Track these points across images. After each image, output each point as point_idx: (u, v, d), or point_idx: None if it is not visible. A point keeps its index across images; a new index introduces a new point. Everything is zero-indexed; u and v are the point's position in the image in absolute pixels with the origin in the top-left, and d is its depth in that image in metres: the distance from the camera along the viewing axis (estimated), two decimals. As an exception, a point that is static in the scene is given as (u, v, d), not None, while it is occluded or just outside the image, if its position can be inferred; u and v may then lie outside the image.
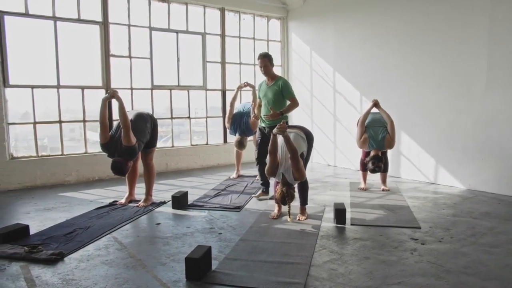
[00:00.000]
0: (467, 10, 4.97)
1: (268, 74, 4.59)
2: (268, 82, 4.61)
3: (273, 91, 4.54)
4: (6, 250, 3.06)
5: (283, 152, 3.67)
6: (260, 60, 4.55)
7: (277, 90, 4.52)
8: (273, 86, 4.55)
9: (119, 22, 5.94)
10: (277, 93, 4.52)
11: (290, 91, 4.56)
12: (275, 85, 4.54)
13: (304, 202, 3.99)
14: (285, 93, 4.53)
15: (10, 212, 4.26)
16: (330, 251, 3.12)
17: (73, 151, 5.78)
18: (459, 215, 4.05)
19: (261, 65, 4.55)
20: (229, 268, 2.76)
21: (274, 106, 4.48)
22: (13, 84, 5.23)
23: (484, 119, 4.90)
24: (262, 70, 4.56)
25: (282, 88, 4.52)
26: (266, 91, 4.60)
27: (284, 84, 4.55)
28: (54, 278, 2.65)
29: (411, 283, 2.56)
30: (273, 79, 4.60)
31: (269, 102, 4.55)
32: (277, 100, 4.53)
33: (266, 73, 4.57)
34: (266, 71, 4.56)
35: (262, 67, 4.55)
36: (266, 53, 4.62)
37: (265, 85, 4.64)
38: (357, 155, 6.54)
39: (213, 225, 3.76)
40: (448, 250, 3.10)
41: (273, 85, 4.56)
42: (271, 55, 4.61)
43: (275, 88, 4.54)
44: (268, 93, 4.57)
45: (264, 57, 4.53)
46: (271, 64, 4.59)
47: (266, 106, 4.59)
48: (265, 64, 4.53)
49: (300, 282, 2.55)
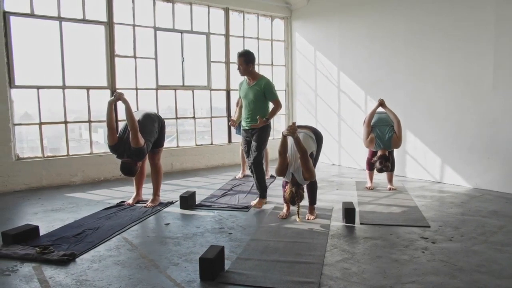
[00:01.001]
0: (473, 8, 4.98)
1: (247, 74, 4.27)
2: (249, 81, 4.29)
3: (254, 92, 4.24)
4: (17, 251, 3.06)
5: (292, 152, 3.67)
6: (237, 59, 4.23)
7: (259, 91, 4.22)
8: (255, 87, 4.24)
9: (124, 22, 5.93)
10: (259, 94, 4.23)
11: (274, 93, 4.28)
12: (257, 86, 4.24)
13: (313, 201, 3.99)
14: (268, 95, 4.25)
15: (19, 213, 4.26)
16: (342, 250, 3.12)
17: (74, 152, 5.73)
18: (467, 213, 4.05)
19: (237, 64, 4.23)
20: (242, 268, 2.76)
21: (255, 108, 4.25)
22: (19, 85, 5.22)
23: (491, 118, 4.91)
24: (239, 70, 4.24)
25: (265, 89, 4.22)
26: (246, 92, 4.30)
27: (266, 85, 4.23)
28: (67, 279, 2.64)
29: (425, 282, 2.56)
30: (255, 78, 4.27)
31: (250, 104, 4.29)
32: (258, 101, 4.26)
33: (244, 73, 4.26)
34: (243, 71, 4.24)
35: (239, 67, 4.23)
36: (244, 51, 4.23)
37: (246, 84, 4.32)
38: (362, 155, 6.56)
39: (223, 225, 3.76)
40: (460, 249, 3.11)
41: (254, 85, 4.25)
42: (249, 53, 4.22)
43: (256, 88, 4.24)
44: (249, 94, 4.27)
45: (240, 56, 4.19)
46: (250, 63, 4.20)
47: (247, 108, 4.34)
48: (240, 63, 4.20)
49: (315, 282, 2.55)
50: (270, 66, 7.74)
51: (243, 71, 4.25)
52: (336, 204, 4.41)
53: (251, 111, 4.32)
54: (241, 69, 4.24)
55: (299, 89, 7.80)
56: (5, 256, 3.00)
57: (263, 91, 4.23)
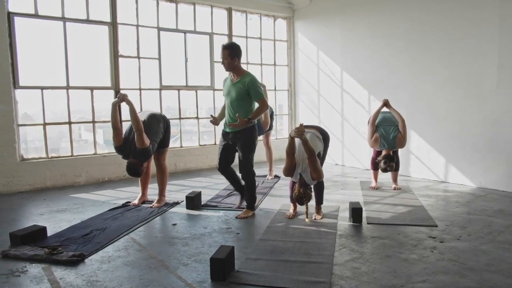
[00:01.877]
0: (475, 8, 4.99)
1: (231, 70, 3.83)
2: (234, 78, 3.86)
3: (237, 90, 3.80)
4: (26, 251, 3.06)
5: (300, 153, 3.67)
6: (221, 52, 3.78)
7: (242, 89, 3.78)
8: (238, 84, 3.80)
9: (127, 23, 5.93)
10: (242, 92, 3.78)
11: (259, 92, 3.81)
12: (240, 83, 3.79)
13: (320, 201, 3.99)
14: (253, 94, 3.79)
15: (24, 214, 4.25)
16: (351, 250, 3.12)
17: (73, 153, 5.69)
18: (473, 213, 4.06)
19: (221, 58, 3.79)
20: (252, 268, 2.76)
21: (238, 107, 3.82)
22: (23, 86, 5.21)
23: (495, 117, 4.92)
24: (224, 64, 3.80)
25: (249, 87, 3.77)
26: (229, 89, 3.85)
27: (250, 82, 3.78)
28: (78, 280, 2.64)
29: (436, 281, 2.56)
30: (239, 75, 3.83)
31: (232, 103, 3.85)
32: (241, 100, 3.82)
33: (229, 68, 3.81)
34: (227, 66, 3.80)
35: (223, 61, 3.79)
36: (229, 43, 3.86)
37: (230, 81, 3.89)
38: (365, 154, 6.57)
39: (230, 225, 3.76)
40: (468, 248, 3.11)
41: (237, 82, 3.81)
42: (235, 46, 3.82)
43: (239, 86, 3.79)
44: (232, 92, 3.82)
45: (224, 49, 3.76)
46: (236, 57, 3.78)
47: (229, 107, 3.90)
48: (224, 57, 3.76)
49: (326, 281, 2.55)
50: (273, 66, 7.74)
51: (228, 66, 3.79)
52: (342, 204, 4.42)
53: (234, 111, 3.86)
54: (225, 63, 3.78)
55: (301, 89, 7.80)
56: (14, 257, 2.99)
57: (247, 89, 3.78)
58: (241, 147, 3.93)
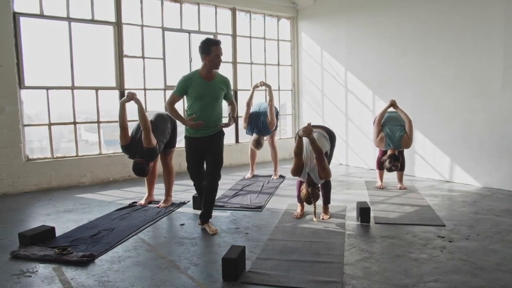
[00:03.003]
0: (482, 8, 4.99)
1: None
2: (207, 77, 3.51)
3: (218, 90, 3.58)
4: (36, 252, 3.05)
5: (308, 152, 3.67)
6: (220, 48, 3.47)
7: (222, 90, 3.61)
8: (218, 84, 3.56)
9: (132, 23, 5.92)
10: (221, 92, 3.61)
11: (231, 91, 3.79)
12: (221, 83, 3.59)
13: (327, 201, 3.99)
14: (230, 93, 3.72)
15: (31, 214, 4.25)
16: (360, 249, 3.12)
17: (78, 153, 5.68)
18: (480, 212, 4.06)
19: (221, 53, 3.50)
20: (263, 268, 2.76)
21: (217, 108, 3.62)
22: (29, 86, 5.21)
23: (501, 117, 4.92)
24: (219, 62, 3.51)
25: (228, 87, 3.68)
26: (206, 90, 3.50)
27: (228, 82, 3.69)
28: (89, 280, 2.64)
29: (447, 281, 2.56)
30: (215, 74, 3.58)
31: (212, 104, 3.54)
32: (219, 100, 3.64)
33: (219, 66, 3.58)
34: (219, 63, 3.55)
35: (220, 58, 3.50)
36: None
37: (202, 80, 3.50)
38: (370, 154, 6.58)
39: (238, 225, 3.76)
40: (477, 248, 3.12)
41: (217, 82, 3.56)
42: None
43: (220, 86, 3.58)
44: (212, 92, 3.52)
45: (220, 44, 3.52)
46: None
47: (207, 109, 3.52)
48: (221, 52, 3.52)
49: (338, 281, 2.55)
50: (276, 66, 7.74)
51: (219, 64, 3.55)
52: (349, 204, 4.42)
53: (215, 113, 3.59)
54: (220, 60, 3.54)
55: (305, 89, 7.80)
56: (24, 257, 2.99)
57: (226, 90, 3.66)
58: (216, 150, 3.63)
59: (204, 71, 3.52)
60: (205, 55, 3.45)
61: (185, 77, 3.56)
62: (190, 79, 3.53)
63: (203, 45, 3.46)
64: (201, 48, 3.47)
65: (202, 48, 3.46)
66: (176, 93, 3.58)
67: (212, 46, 3.43)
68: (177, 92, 3.58)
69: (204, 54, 3.45)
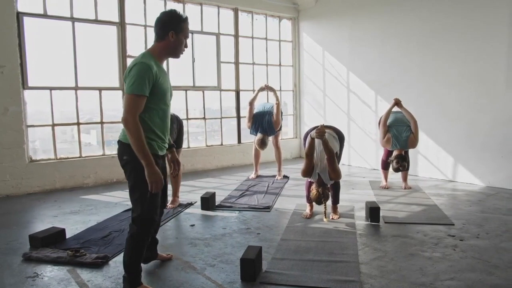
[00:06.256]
0: (486, 8, 5.05)
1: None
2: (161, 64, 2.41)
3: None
4: (49, 254, 3.03)
5: (318, 153, 3.69)
6: (187, 28, 2.42)
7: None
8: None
9: (135, 23, 5.89)
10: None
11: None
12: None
13: (336, 201, 4.01)
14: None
15: (38, 216, 4.20)
16: (374, 248, 3.14)
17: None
18: (487, 211, 4.11)
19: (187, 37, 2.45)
20: (280, 268, 2.77)
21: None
22: (32, 86, 5.16)
23: (505, 117, 4.98)
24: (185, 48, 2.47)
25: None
26: (168, 83, 2.44)
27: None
28: (106, 282, 2.62)
29: (464, 279, 2.59)
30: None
31: (169, 105, 2.46)
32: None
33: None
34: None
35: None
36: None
37: (161, 68, 2.37)
38: (372, 154, 6.62)
39: (249, 226, 3.76)
40: (489, 246, 3.15)
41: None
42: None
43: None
44: (171, 86, 2.49)
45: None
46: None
47: (168, 114, 2.45)
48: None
49: (356, 280, 2.56)
50: (278, 67, 7.76)
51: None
52: (356, 203, 4.44)
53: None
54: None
55: (306, 89, 7.83)
56: (37, 260, 2.96)
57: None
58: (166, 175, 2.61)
59: (161, 56, 2.37)
60: (172, 32, 2.31)
61: (145, 62, 2.21)
62: (153, 66, 2.24)
63: (171, 18, 2.32)
64: (167, 21, 2.32)
65: (170, 21, 2.31)
66: (143, 91, 2.18)
67: (183, 22, 2.36)
68: (143, 90, 2.18)
69: (170, 30, 2.31)
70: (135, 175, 2.30)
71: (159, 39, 2.35)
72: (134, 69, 2.20)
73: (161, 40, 2.34)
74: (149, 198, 2.31)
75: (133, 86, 2.17)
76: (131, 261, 2.38)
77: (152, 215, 2.36)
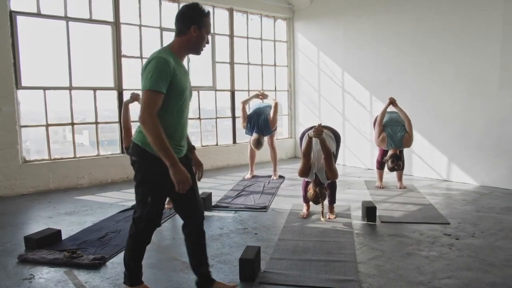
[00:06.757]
0: (480, 9, 5.10)
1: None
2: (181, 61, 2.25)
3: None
4: (45, 255, 2.99)
5: (315, 153, 3.70)
6: (209, 22, 2.23)
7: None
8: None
9: (130, 23, 5.86)
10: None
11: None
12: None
13: (333, 201, 4.03)
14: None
15: (33, 217, 4.16)
16: (371, 248, 3.16)
17: (75, 154, 5.59)
18: (482, 210, 4.15)
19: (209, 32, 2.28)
20: (278, 268, 2.77)
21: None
22: (26, 86, 5.11)
23: (498, 117, 5.04)
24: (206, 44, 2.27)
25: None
26: (188, 81, 2.26)
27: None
28: (104, 283, 2.60)
29: (461, 277, 2.62)
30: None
31: (189, 106, 2.34)
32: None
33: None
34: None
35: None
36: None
37: (180, 65, 2.20)
38: (367, 154, 6.66)
39: (246, 226, 3.76)
40: (484, 245, 3.19)
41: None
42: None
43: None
44: (190, 84, 2.31)
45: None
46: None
47: (187, 114, 2.30)
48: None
49: (354, 279, 2.58)
50: (273, 67, 7.76)
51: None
52: (352, 203, 4.46)
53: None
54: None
55: (301, 90, 7.84)
56: (33, 261, 2.93)
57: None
58: (194, 177, 2.50)
59: (181, 52, 2.21)
60: (194, 27, 2.15)
61: (162, 57, 2.06)
62: (171, 61, 2.08)
63: (194, 12, 2.16)
64: (190, 15, 2.15)
65: (192, 15, 2.15)
66: (159, 87, 2.03)
67: (205, 17, 2.19)
68: (159, 86, 2.03)
69: (193, 25, 2.14)
70: (139, 177, 2.26)
71: (179, 33, 2.18)
72: (151, 64, 2.05)
73: (181, 35, 2.17)
74: (151, 201, 2.24)
75: (149, 82, 2.01)
76: (130, 261, 2.35)
77: (152, 217, 2.29)
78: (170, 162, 2.06)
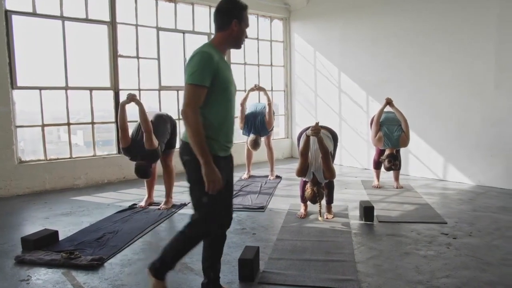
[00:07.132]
0: (476, 9, 5.14)
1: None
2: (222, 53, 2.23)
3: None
4: (42, 256, 2.97)
5: (313, 152, 3.70)
6: (247, 15, 2.24)
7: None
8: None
9: (126, 22, 5.83)
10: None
11: None
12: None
13: (331, 201, 4.04)
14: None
15: (29, 218, 4.12)
16: (369, 247, 3.17)
17: (72, 155, 5.55)
18: (478, 210, 4.18)
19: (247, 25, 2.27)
20: (277, 268, 2.77)
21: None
22: (21, 86, 5.07)
23: (494, 117, 5.08)
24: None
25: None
26: (232, 76, 2.26)
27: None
28: (103, 284, 2.59)
29: (459, 276, 2.63)
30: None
31: (234, 102, 2.31)
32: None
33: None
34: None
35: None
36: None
37: (224, 60, 2.22)
38: (363, 154, 6.68)
39: (244, 226, 3.75)
40: (481, 244, 3.21)
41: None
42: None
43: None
44: (234, 80, 2.30)
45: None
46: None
47: (233, 111, 2.26)
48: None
49: (354, 279, 2.58)
50: (269, 67, 7.77)
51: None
52: (349, 203, 4.47)
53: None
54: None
55: (298, 90, 7.85)
56: (30, 262, 2.91)
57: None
58: (231, 177, 2.48)
59: (223, 46, 2.22)
60: (235, 21, 2.15)
61: (206, 51, 2.06)
62: (214, 55, 2.08)
63: (234, 6, 2.16)
64: (230, 9, 2.15)
65: (233, 10, 2.15)
66: (203, 81, 2.02)
67: (244, 11, 2.20)
68: (203, 80, 2.02)
69: (234, 19, 2.14)
70: (193, 176, 2.19)
71: (221, 28, 2.17)
72: (195, 58, 2.05)
73: (223, 30, 2.17)
74: (208, 201, 2.16)
75: (193, 76, 2.01)
76: (170, 257, 2.32)
77: (212, 219, 2.25)
78: (204, 159, 2.04)
